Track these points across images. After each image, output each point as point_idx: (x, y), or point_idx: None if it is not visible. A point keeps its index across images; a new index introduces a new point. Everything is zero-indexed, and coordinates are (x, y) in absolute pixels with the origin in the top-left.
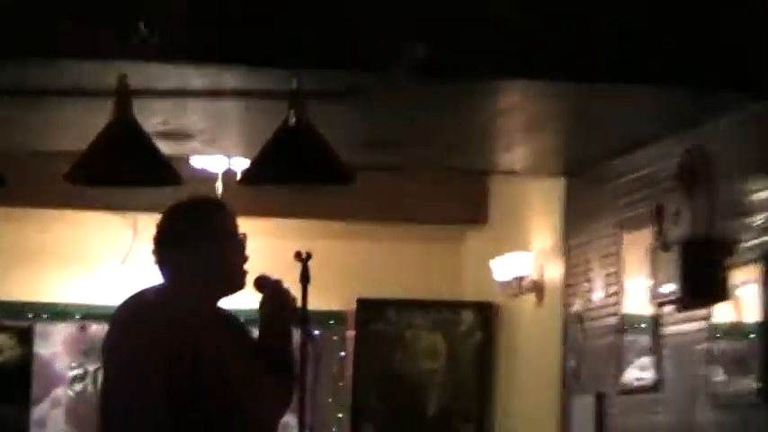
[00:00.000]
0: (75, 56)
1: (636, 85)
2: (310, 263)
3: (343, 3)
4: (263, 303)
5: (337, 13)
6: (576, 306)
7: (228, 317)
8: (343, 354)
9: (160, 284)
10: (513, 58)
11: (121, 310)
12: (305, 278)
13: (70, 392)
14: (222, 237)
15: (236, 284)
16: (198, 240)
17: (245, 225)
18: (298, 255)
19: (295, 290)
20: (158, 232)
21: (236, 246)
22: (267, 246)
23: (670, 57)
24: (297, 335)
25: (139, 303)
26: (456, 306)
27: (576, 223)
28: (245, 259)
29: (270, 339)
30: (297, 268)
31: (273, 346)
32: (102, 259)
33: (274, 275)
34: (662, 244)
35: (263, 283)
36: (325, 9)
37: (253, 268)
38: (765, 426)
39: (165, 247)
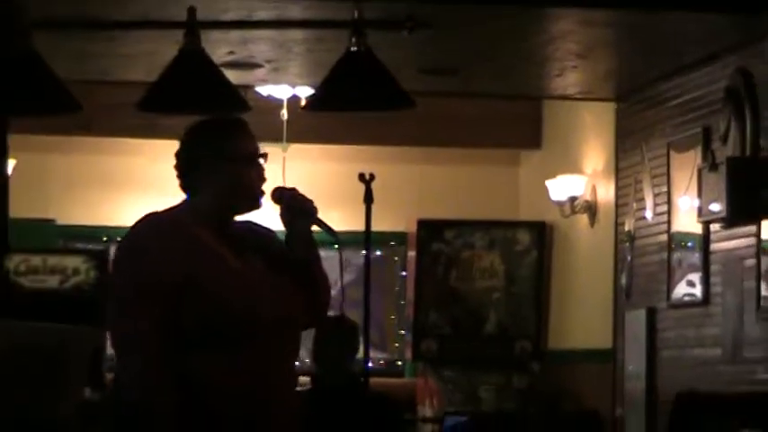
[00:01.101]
0: None
1: (682, 11)
2: (373, 185)
3: None
4: (282, 214)
5: None
6: (628, 225)
7: (252, 233)
8: (404, 273)
9: (173, 206)
10: None
11: (130, 229)
12: (368, 198)
13: None
14: (237, 156)
15: (251, 203)
16: (212, 160)
17: (310, 150)
18: (361, 176)
19: (360, 210)
20: (177, 154)
21: (252, 165)
22: (331, 170)
23: None
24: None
25: (142, 225)
26: (512, 226)
27: (627, 146)
28: (262, 178)
29: (295, 249)
30: (360, 190)
31: (300, 256)
32: (174, 187)
33: (338, 196)
34: (710, 164)
35: (279, 195)
36: None
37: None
38: None
39: (183, 168)
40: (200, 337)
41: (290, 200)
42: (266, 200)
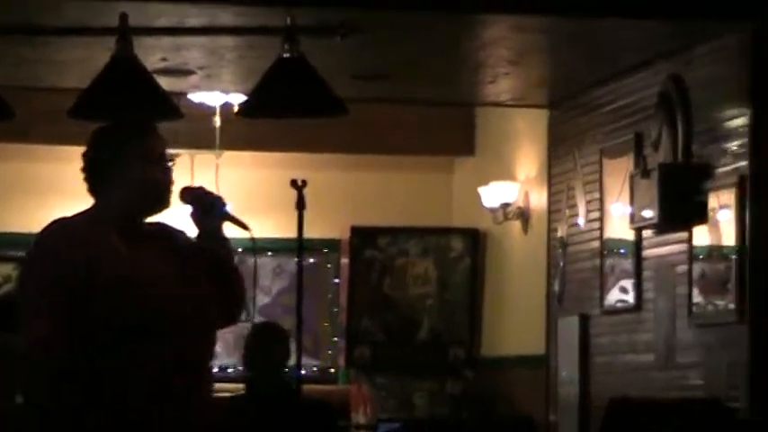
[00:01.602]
0: None
1: (615, 17)
2: (305, 191)
3: None
4: (192, 213)
5: None
6: (560, 231)
7: (163, 232)
8: (337, 280)
9: (82, 210)
10: None
11: (38, 234)
12: (300, 205)
13: None
14: (142, 157)
15: (158, 204)
16: (118, 162)
17: (243, 157)
18: (293, 183)
19: (292, 217)
20: (83, 157)
21: (158, 166)
22: (264, 177)
23: None
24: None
25: (47, 229)
26: (446, 233)
27: (560, 152)
28: (168, 179)
29: (205, 246)
30: (294, 197)
31: (211, 255)
32: None
33: (271, 203)
34: (642, 170)
35: (187, 194)
36: None
37: (248, 198)
38: (741, 344)
39: (90, 171)
40: (108, 336)
41: (197, 198)
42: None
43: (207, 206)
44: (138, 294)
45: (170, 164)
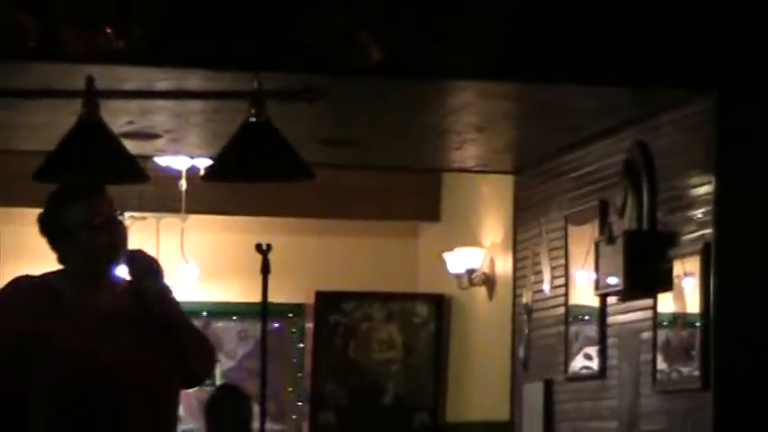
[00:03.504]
0: (43, 59)
1: (581, 85)
2: (270, 256)
3: (299, 7)
4: (131, 276)
5: (293, 16)
6: (525, 297)
7: (128, 295)
8: (302, 345)
9: (51, 271)
10: (464, 59)
11: None
12: (265, 269)
13: None
14: (79, 226)
15: (105, 267)
16: (61, 231)
17: (208, 221)
18: (258, 247)
19: (257, 281)
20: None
21: (99, 231)
22: (230, 240)
23: (613, 57)
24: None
25: (5, 285)
26: (411, 298)
27: (525, 218)
28: (112, 242)
29: (150, 310)
30: (258, 260)
31: (158, 316)
32: None
33: (237, 267)
34: (607, 237)
35: (126, 259)
36: (282, 13)
37: (213, 262)
38: (707, 411)
39: (47, 239)
40: (41, 399)
41: (133, 261)
42: None
43: (143, 269)
44: (73, 361)
45: (121, 221)
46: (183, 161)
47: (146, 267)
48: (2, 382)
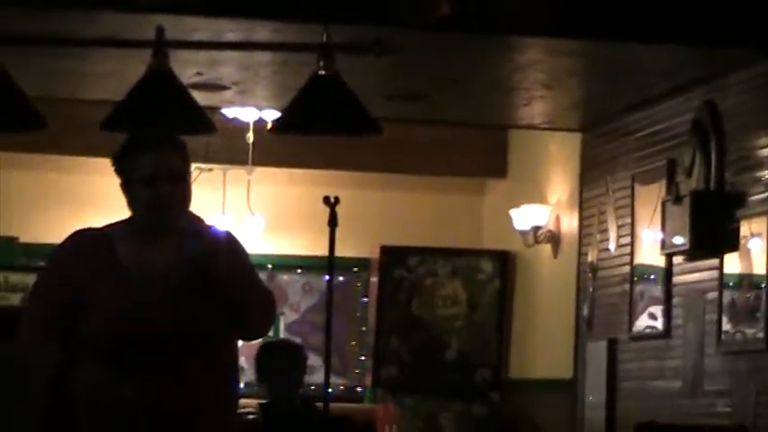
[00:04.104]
0: (114, 8)
1: (648, 43)
2: (337, 210)
3: None
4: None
5: None
6: (590, 256)
7: (193, 245)
8: (366, 299)
9: (111, 222)
10: (533, 16)
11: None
12: (333, 222)
13: None
14: (132, 179)
15: (154, 226)
16: (123, 182)
17: (275, 174)
18: (326, 199)
19: (322, 235)
20: None
21: (148, 186)
22: (296, 193)
23: (682, 15)
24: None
25: (66, 238)
26: (476, 254)
27: (592, 176)
28: (160, 200)
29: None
30: (325, 214)
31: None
32: None
33: (302, 221)
34: (674, 197)
35: (189, 228)
36: None
37: (279, 214)
38: None
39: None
40: (90, 347)
41: (197, 237)
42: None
43: (205, 247)
44: (122, 317)
45: (186, 179)
46: (250, 113)
47: (208, 248)
48: (62, 335)
